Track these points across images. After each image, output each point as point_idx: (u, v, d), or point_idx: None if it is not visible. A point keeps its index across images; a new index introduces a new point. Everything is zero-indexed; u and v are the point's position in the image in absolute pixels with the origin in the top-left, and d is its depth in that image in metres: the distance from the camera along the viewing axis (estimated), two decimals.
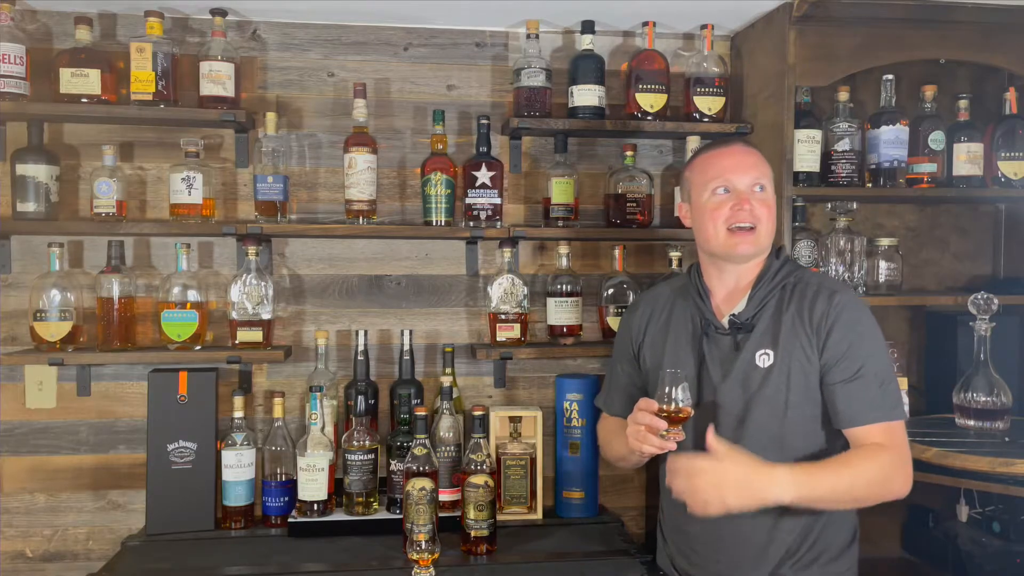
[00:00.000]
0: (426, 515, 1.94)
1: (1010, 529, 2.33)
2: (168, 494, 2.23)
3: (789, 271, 1.77)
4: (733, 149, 1.77)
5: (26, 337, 2.29)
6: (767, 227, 1.73)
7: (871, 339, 1.68)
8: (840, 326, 1.66)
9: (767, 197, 1.74)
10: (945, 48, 2.33)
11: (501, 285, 2.38)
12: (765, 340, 1.71)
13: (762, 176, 1.74)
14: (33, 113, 2.22)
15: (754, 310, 1.73)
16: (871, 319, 1.70)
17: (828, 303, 1.68)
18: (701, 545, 1.78)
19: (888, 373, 1.67)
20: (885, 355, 1.69)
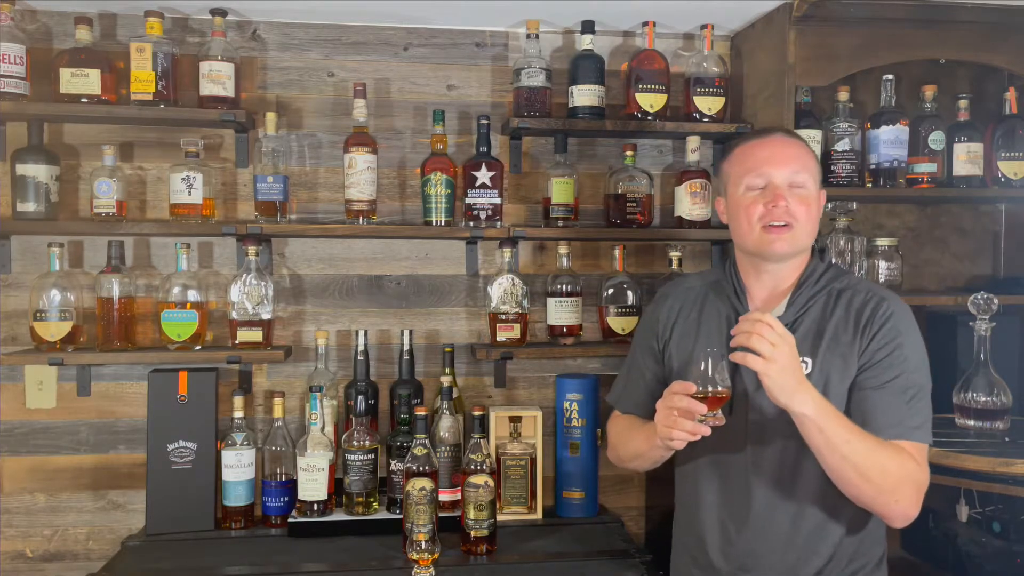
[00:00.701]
0: (426, 515, 1.94)
1: (1010, 529, 2.32)
2: (168, 494, 2.23)
3: (835, 275, 1.68)
4: (771, 140, 1.66)
5: (26, 337, 2.29)
6: (805, 226, 1.62)
7: (911, 351, 1.58)
8: (883, 333, 1.57)
9: (807, 193, 1.61)
10: (945, 48, 2.33)
11: (501, 285, 2.38)
12: (804, 347, 1.59)
13: (802, 169, 1.62)
14: (33, 113, 2.22)
15: (795, 315, 1.63)
16: (918, 333, 1.61)
17: (876, 309, 1.59)
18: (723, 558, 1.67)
19: (922, 391, 1.57)
20: (924, 372, 1.59)
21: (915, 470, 1.52)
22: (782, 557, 1.62)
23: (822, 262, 1.70)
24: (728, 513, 1.67)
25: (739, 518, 1.65)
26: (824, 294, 1.65)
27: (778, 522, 1.62)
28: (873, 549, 1.66)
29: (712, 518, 1.69)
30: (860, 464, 1.48)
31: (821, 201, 1.68)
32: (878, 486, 1.50)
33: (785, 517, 1.61)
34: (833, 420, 1.47)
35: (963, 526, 2.42)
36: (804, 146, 1.68)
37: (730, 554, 1.66)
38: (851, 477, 1.50)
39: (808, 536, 1.61)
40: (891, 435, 1.53)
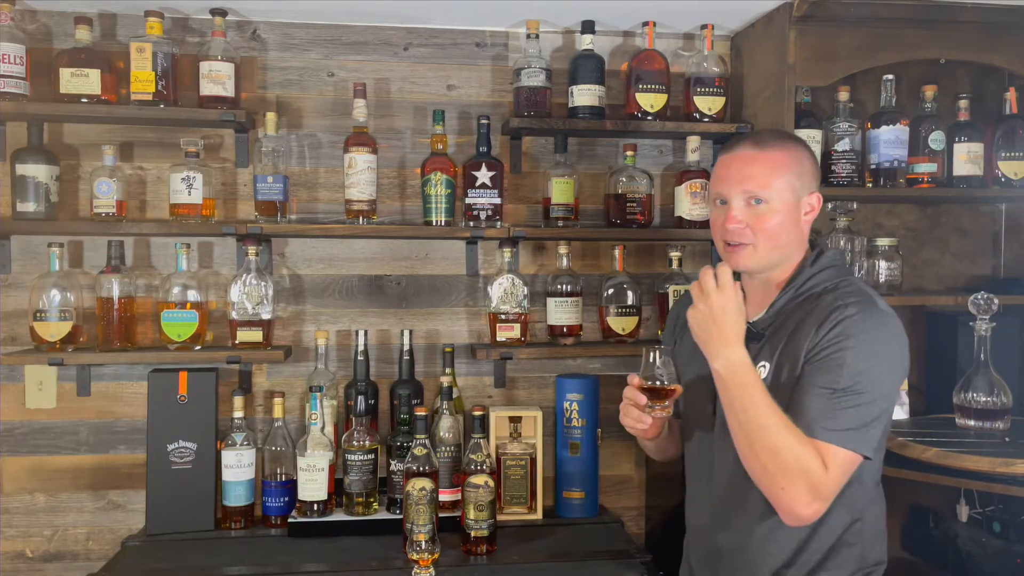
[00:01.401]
0: (426, 515, 1.94)
1: (1010, 529, 2.33)
2: (168, 494, 2.23)
3: (823, 279, 1.61)
4: (734, 156, 1.63)
5: (26, 337, 2.29)
6: (768, 242, 1.59)
7: (860, 357, 1.48)
8: (832, 334, 1.51)
9: (767, 209, 1.57)
10: (945, 48, 2.33)
11: (501, 285, 2.38)
12: (767, 350, 1.60)
13: (761, 187, 1.57)
14: (33, 113, 2.22)
15: (769, 320, 1.62)
16: (878, 343, 1.51)
17: (833, 311, 1.53)
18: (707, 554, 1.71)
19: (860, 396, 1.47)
20: (869, 381, 1.48)
21: (814, 468, 1.44)
22: (748, 543, 1.61)
23: (813, 264, 1.63)
24: (704, 495, 1.71)
25: (710, 500, 1.68)
26: (804, 297, 1.61)
27: (743, 506, 1.60)
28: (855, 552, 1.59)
29: (693, 500, 1.76)
30: (752, 436, 1.47)
31: (808, 206, 1.62)
32: (764, 466, 1.46)
33: (750, 499, 1.58)
34: (742, 386, 1.48)
35: (963, 526, 2.42)
36: (775, 156, 1.60)
37: (707, 538, 1.71)
38: (742, 447, 1.49)
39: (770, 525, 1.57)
40: (805, 430, 1.46)
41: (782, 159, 1.60)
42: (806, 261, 1.64)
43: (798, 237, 1.63)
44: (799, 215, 1.61)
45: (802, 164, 1.62)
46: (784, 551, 1.58)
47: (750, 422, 1.47)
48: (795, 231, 1.61)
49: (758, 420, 1.46)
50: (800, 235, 1.64)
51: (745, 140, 1.65)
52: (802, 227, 1.63)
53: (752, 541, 1.60)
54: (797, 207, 1.61)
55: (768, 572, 1.59)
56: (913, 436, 2.16)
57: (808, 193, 1.62)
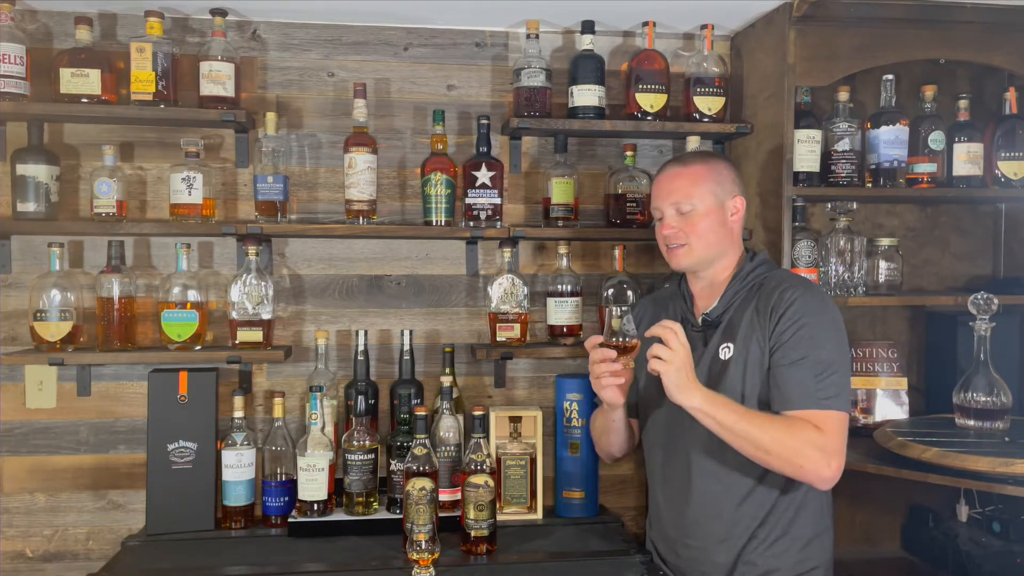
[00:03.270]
0: (426, 515, 1.94)
1: (1010, 529, 2.33)
2: (168, 494, 2.23)
3: (761, 273, 1.90)
4: (663, 175, 1.94)
5: (26, 337, 2.29)
6: (700, 241, 1.87)
7: (818, 330, 1.75)
8: (788, 316, 1.77)
9: (692, 215, 1.86)
10: (945, 48, 2.33)
11: (501, 285, 2.38)
12: (727, 334, 1.86)
13: (684, 199, 1.87)
14: (33, 113, 2.22)
15: (723, 308, 1.89)
16: (826, 314, 1.79)
17: (780, 296, 1.80)
18: (673, 528, 1.94)
19: (832, 366, 1.74)
20: (833, 348, 1.76)
21: (816, 436, 1.70)
22: (718, 521, 1.85)
23: (752, 261, 1.92)
24: (671, 481, 1.94)
25: (680, 486, 1.91)
26: (748, 288, 1.88)
27: (713, 488, 1.85)
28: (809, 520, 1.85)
29: (660, 487, 1.98)
30: (754, 439, 1.70)
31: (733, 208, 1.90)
32: (777, 455, 1.70)
33: (718, 483, 1.84)
34: (721, 408, 1.72)
35: (963, 526, 2.42)
36: (694, 170, 1.89)
37: (677, 522, 1.93)
38: (751, 451, 1.73)
39: (741, 501, 1.83)
40: (803, 406, 1.73)
41: (701, 171, 1.89)
42: (744, 260, 1.93)
43: (728, 236, 1.91)
44: (725, 216, 1.90)
45: (720, 174, 1.90)
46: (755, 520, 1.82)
47: (746, 431, 1.71)
48: (723, 230, 1.89)
49: (751, 424, 1.71)
50: (729, 234, 1.91)
51: (671, 161, 1.97)
52: (731, 227, 1.91)
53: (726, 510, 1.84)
54: (722, 210, 1.89)
55: (743, 539, 1.83)
56: (913, 436, 2.16)
57: (731, 197, 1.90)
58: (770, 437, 1.70)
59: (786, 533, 1.83)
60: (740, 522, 1.83)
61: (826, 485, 1.75)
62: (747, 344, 1.82)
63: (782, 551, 1.82)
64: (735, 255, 1.94)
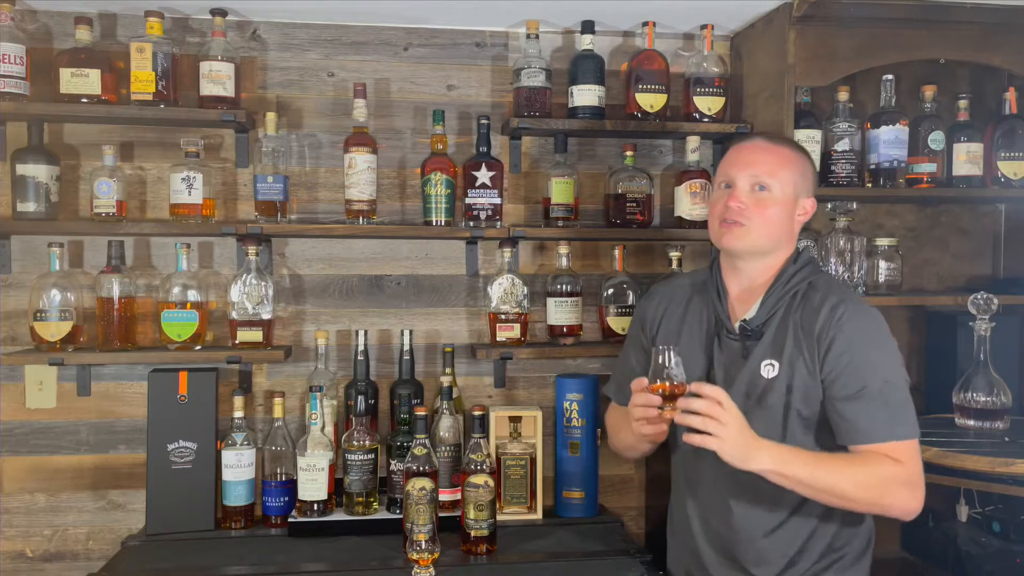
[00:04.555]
0: (426, 515, 1.94)
1: (1010, 529, 2.33)
2: (168, 494, 2.23)
3: (804, 276, 1.73)
4: (748, 145, 1.76)
5: (26, 337, 2.29)
6: (761, 226, 1.69)
7: (876, 352, 1.62)
8: (841, 339, 1.62)
9: (768, 197, 1.69)
10: (945, 48, 2.33)
11: (501, 285, 2.38)
12: (771, 349, 1.68)
13: (766, 174, 1.69)
14: (33, 113, 2.22)
15: (765, 316, 1.71)
16: (878, 330, 1.65)
17: (831, 314, 1.64)
18: (704, 545, 1.78)
19: (895, 388, 1.61)
20: (892, 368, 1.63)
21: (897, 471, 1.57)
22: (756, 547, 1.70)
23: (795, 262, 1.75)
24: (706, 505, 1.78)
25: (715, 509, 1.75)
26: (791, 295, 1.71)
27: (749, 515, 1.70)
28: (855, 543, 1.72)
29: (694, 509, 1.81)
30: (834, 489, 1.57)
31: (803, 208, 1.74)
32: (861, 500, 1.59)
33: (754, 512, 1.70)
34: (793, 463, 1.56)
35: (963, 526, 2.42)
36: (784, 152, 1.73)
37: (713, 543, 1.77)
38: (834, 502, 1.60)
39: (778, 529, 1.69)
40: (876, 440, 1.59)
41: (790, 156, 1.74)
42: (790, 260, 1.76)
43: (788, 233, 1.74)
44: (794, 212, 1.74)
45: (805, 167, 1.76)
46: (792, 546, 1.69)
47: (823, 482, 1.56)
48: (787, 226, 1.73)
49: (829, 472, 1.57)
50: (790, 232, 1.75)
51: (756, 134, 1.81)
52: (794, 226, 1.75)
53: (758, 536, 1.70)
54: (794, 204, 1.73)
55: (781, 563, 1.69)
56: None
57: (807, 196, 1.76)
58: (851, 483, 1.56)
59: (832, 556, 1.70)
60: (776, 547, 1.70)
61: (912, 517, 1.62)
62: (793, 364, 1.65)
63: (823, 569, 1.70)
64: (784, 255, 1.75)
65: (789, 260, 1.75)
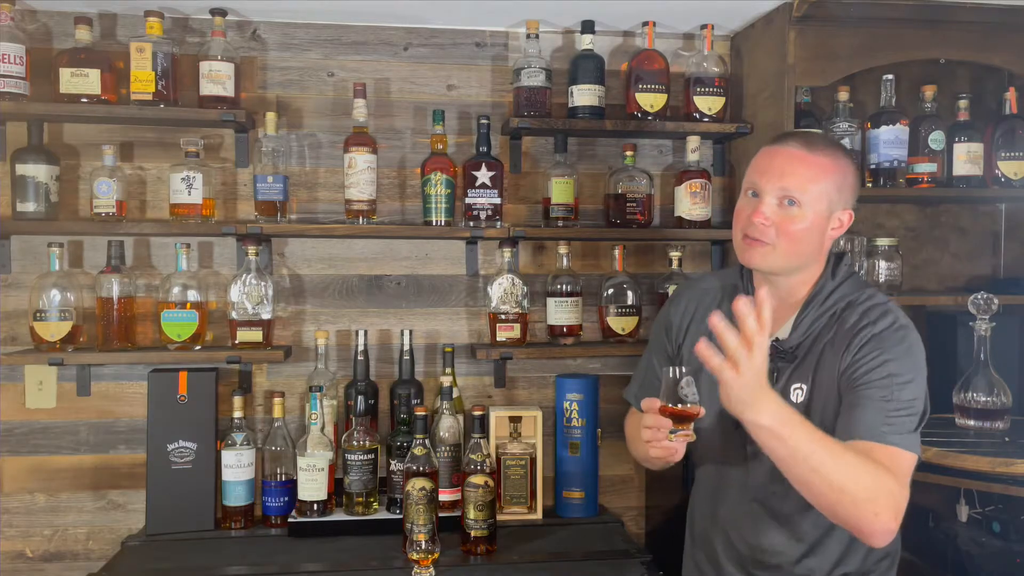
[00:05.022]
0: (426, 515, 1.94)
1: (1010, 529, 2.32)
2: (168, 494, 2.23)
3: (844, 294, 1.59)
4: (779, 150, 1.57)
5: (26, 337, 2.29)
6: (787, 246, 1.53)
7: (905, 365, 1.49)
8: (869, 345, 1.50)
9: (798, 213, 1.52)
10: (945, 48, 2.32)
11: (501, 285, 2.38)
12: (802, 372, 1.56)
13: (797, 189, 1.52)
14: (33, 113, 2.22)
15: (799, 338, 1.58)
16: (912, 354, 1.51)
17: (867, 331, 1.52)
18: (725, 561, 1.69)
19: (908, 405, 1.47)
20: (910, 388, 1.48)
21: (891, 482, 1.40)
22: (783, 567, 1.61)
23: (834, 278, 1.60)
24: (730, 521, 1.67)
25: (739, 526, 1.65)
26: (829, 315, 1.58)
27: (775, 534, 1.61)
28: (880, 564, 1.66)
29: (717, 523, 1.70)
30: (831, 474, 1.37)
31: (839, 222, 1.58)
32: (853, 496, 1.38)
33: (781, 531, 1.60)
34: (797, 429, 1.37)
35: (963, 526, 2.42)
36: (821, 162, 1.54)
37: (733, 558, 1.67)
38: (823, 489, 1.39)
39: (805, 551, 1.59)
40: (874, 435, 1.44)
41: (828, 167, 1.55)
42: (827, 274, 1.61)
43: (818, 249, 1.58)
44: (826, 228, 1.57)
45: (845, 178, 1.57)
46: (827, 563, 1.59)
47: (823, 463, 1.37)
48: (817, 242, 1.57)
49: (830, 453, 1.38)
50: (821, 248, 1.59)
51: (795, 137, 1.60)
52: (826, 241, 1.59)
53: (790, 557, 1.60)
54: (827, 219, 1.56)
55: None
56: None
57: (842, 209, 1.58)
58: (850, 473, 1.37)
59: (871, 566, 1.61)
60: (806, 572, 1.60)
61: (886, 540, 1.43)
62: (823, 385, 1.53)
63: None
64: (818, 269, 1.61)
65: (826, 274, 1.61)
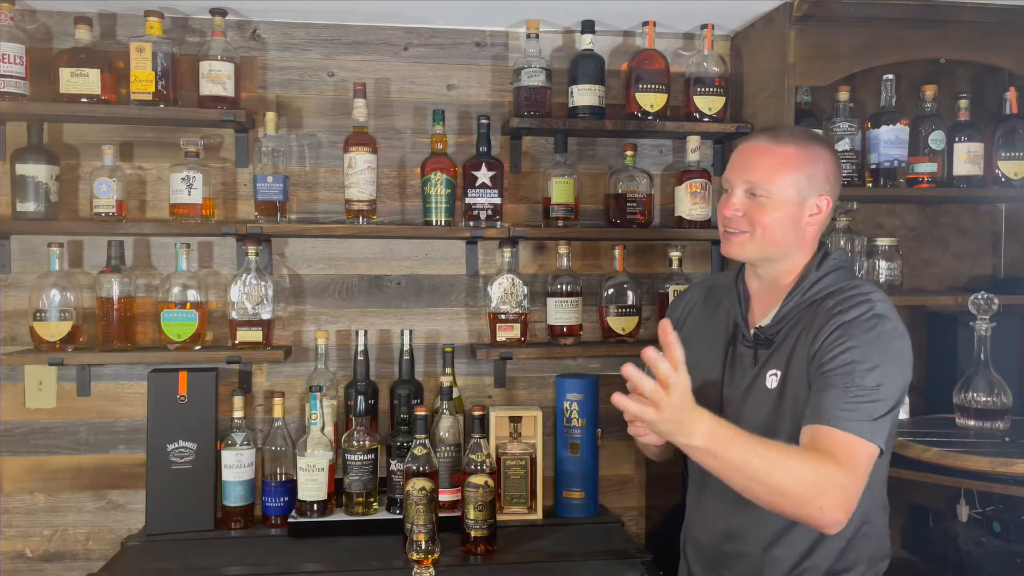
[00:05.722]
0: (426, 515, 1.94)
1: (1010, 529, 2.33)
2: (168, 494, 2.23)
3: (828, 284, 1.59)
4: (747, 146, 1.63)
5: (26, 337, 2.29)
6: (761, 236, 1.58)
7: (871, 356, 1.47)
8: (836, 335, 1.50)
9: (768, 202, 1.57)
10: (945, 48, 2.33)
11: (501, 285, 2.38)
12: (777, 358, 1.59)
13: (762, 180, 1.57)
14: (33, 113, 2.22)
15: (777, 326, 1.61)
16: (880, 338, 1.50)
17: (838, 318, 1.51)
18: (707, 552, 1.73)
19: (871, 393, 1.45)
20: (874, 375, 1.46)
21: (839, 475, 1.39)
22: (756, 555, 1.62)
23: (818, 268, 1.61)
24: (711, 509, 1.71)
25: (718, 513, 1.68)
26: (808, 304, 1.59)
27: (749, 521, 1.61)
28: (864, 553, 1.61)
29: (699, 512, 1.76)
30: (768, 480, 1.38)
31: (815, 208, 1.59)
32: (795, 497, 1.39)
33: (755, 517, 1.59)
34: (729, 445, 1.38)
35: (963, 526, 2.42)
36: (786, 152, 1.58)
37: (711, 546, 1.71)
38: (763, 494, 1.40)
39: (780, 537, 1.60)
40: (831, 420, 1.43)
41: (793, 156, 1.58)
42: (812, 264, 1.62)
43: (798, 237, 1.60)
44: (802, 215, 1.59)
45: (815, 165, 1.59)
46: (794, 554, 1.59)
47: (758, 471, 1.38)
48: (794, 230, 1.59)
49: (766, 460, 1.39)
50: (801, 235, 1.61)
51: (763, 132, 1.66)
52: (804, 228, 1.60)
53: (761, 548, 1.61)
54: (801, 207, 1.58)
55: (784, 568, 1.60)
56: (913, 436, 2.16)
57: (817, 195, 1.59)
58: (789, 474, 1.38)
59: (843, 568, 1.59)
60: (776, 563, 1.60)
61: (835, 530, 1.43)
62: (792, 374, 1.56)
63: None
64: (804, 259, 1.63)
65: (810, 265, 1.62)
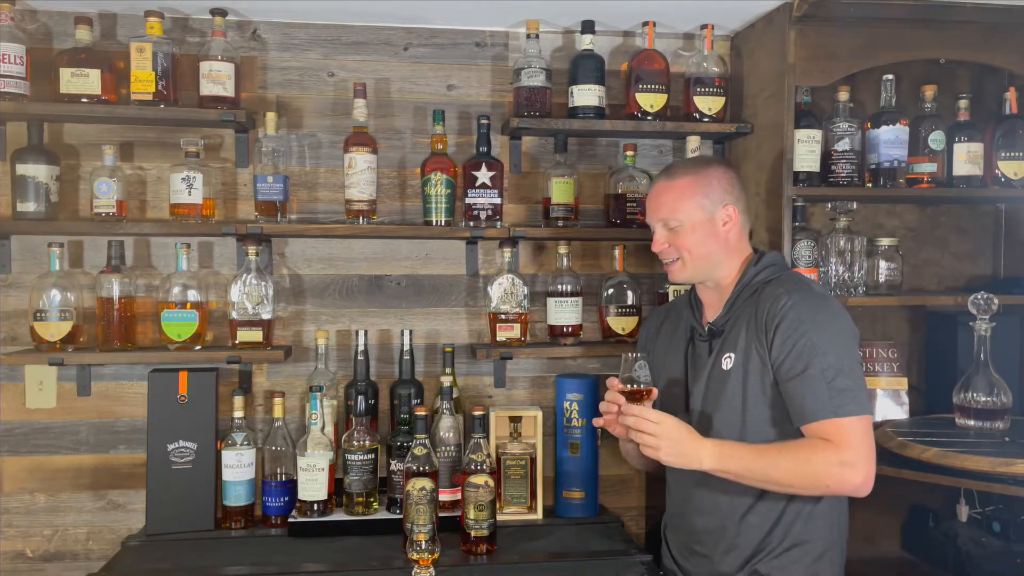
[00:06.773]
0: (426, 515, 1.94)
1: (1010, 529, 2.33)
2: (168, 494, 2.23)
3: (765, 277, 1.83)
4: (652, 191, 1.90)
5: (26, 337, 2.29)
6: (692, 256, 1.83)
7: (819, 335, 1.69)
8: (785, 325, 1.71)
9: (682, 229, 1.82)
10: (945, 48, 2.33)
11: (501, 285, 2.38)
12: (729, 343, 1.81)
13: (669, 214, 1.83)
14: (33, 113, 2.22)
15: (725, 317, 1.84)
16: (825, 316, 1.73)
17: (776, 303, 1.73)
18: (684, 534, 1.92)
19: (840, 369, 1.67)
20: (838, 351, 1.69)
21: (831, 454, 1.64)
22: (723, 532, 1.82)
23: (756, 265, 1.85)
24: (681, 496, 1.92)
25: (686, 496, 1.90)
26: (750, 294, 1.82)
27: (715, 501, 1.82)
28: (821, 532, 1.79)
29: (672, 501, 1.99)
30: (770, 478, 1.68)
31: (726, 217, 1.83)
32: (801, 485, 1.69)
33: (722, 498, 1.81)
34: (731, 459, 1.68)
35: (963, 526, 2.42)
36: (680, 184, 1.84)
37: (686, 528, 1.91)
38: (775, 488, 1.71)
39: (745, 512, 1.79)
40: (819, 417, 1.67)
41: (689, 185, 1.84)
42: (750, 263, 1.86)
43: (722, 246, 1.85)
44: (716, 228, 1.84)
45: (708, 184, 1.84)
46: (760, 531, 1.78)
47: (765, 472, 1.68)
48: (715, 241, 1.84)
49: (768, 462, 1.68)
50: (724, 243, 1.85)
51: (661, 173, 1.92)
52: (724, 237, 1.84)
53: (730, 522, 1.80)
54: (712, 222, 1.83)
55: (749, 549, 1.79)
56: (913, 436, 2.16)
57: (721, 207, 1.84)
58: (783, 471, 1.67)
59: (796, 543, 1.77)
60: (745, 533, 1.79)
61: (861, 492, 1.68)
62: (747, 354, 1.77)
63: (791, 562, 1.76)
64: (737, 261, 1.87)
65: (749, 264, 1.86)
